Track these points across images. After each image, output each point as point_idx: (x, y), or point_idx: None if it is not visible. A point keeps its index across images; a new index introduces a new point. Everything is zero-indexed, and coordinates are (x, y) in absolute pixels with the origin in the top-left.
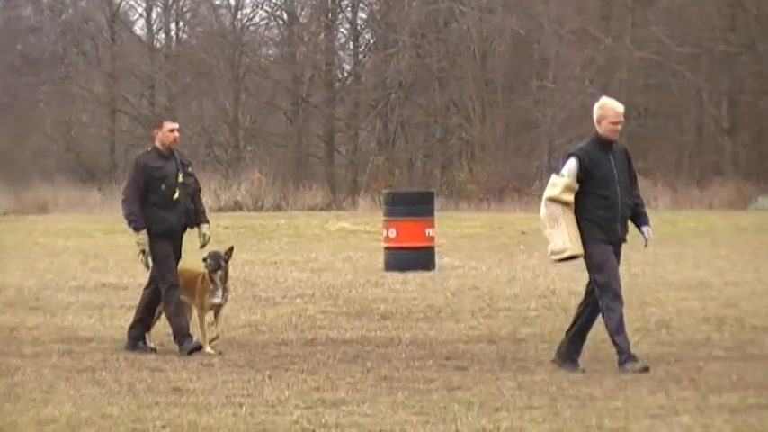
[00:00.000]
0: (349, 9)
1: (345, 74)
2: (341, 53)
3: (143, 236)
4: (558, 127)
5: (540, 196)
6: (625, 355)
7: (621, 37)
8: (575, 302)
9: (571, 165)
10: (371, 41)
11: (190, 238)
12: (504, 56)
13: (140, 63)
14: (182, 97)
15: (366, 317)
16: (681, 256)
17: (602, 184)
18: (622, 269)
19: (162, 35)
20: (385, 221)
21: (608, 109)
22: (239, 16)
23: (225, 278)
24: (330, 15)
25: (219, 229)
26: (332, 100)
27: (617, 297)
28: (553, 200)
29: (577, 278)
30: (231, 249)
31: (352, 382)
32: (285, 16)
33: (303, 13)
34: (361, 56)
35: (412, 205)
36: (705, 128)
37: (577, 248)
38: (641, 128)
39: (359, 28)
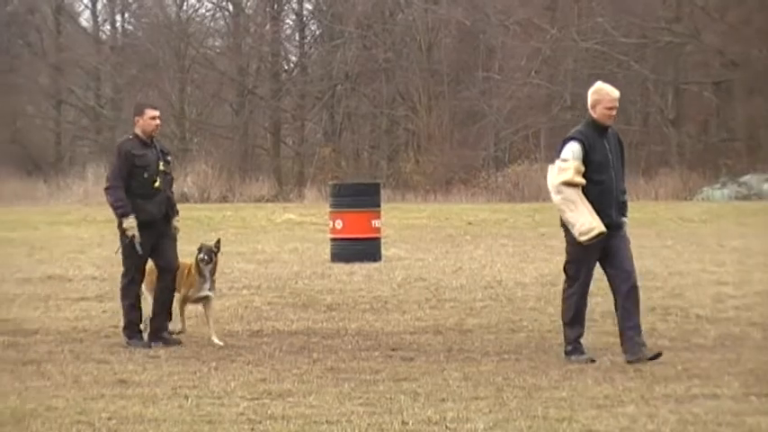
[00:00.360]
0: (295, 0)
1: (291, 65)
2: (287, 44)
3: (132, 220)
4: (504, 118)
5: (485, 187)
6: (570, 347)
7: (567, 28)
8: (521, 293)
9: (575, 148)
10: (317, 33)
11: None
12: (450, 47)
13: (86, 55)
14: (127, 89)
15: (312, 308)
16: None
17: (598, 169)
18: (561, 260)
19: (107, 27)
20: (331, 213)
21: (603, 94)
22: (185, 7)
23: (213, 271)
24: (276, 6)
25: None
26: (278, 91)
27: (583, 292)
28: (567, 183)
29: (523, 269)
30: (219, 241)
31: (298, 373)
32: (231, 7)
33: (249, 5)
34: (307, 47)
35: (358, 196)
36: (651, 118)
37: (602, 226)
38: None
39: (305, 19)
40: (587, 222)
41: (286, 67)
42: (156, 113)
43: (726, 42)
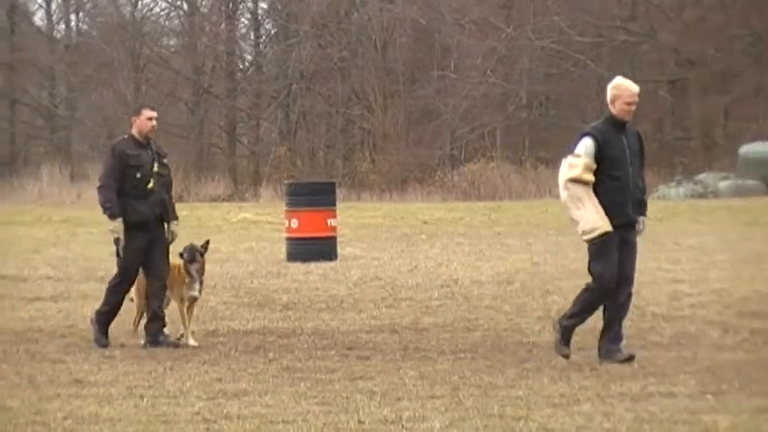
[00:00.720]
0: None
1: (247, 64)
2: (242, 43)
3: (118, 223)
4: (460, 116)
5: (441, 185)
6: (563, 341)
7: (522, 26)
8: (477, 292)
9: (587, 144)
10: (273, 32)
11: None
12: (406, 46)
13: (40, 54)
14: (82, 88)
15: (268, 307)
16: (582, 244)
17: (615, 165)
18: (524, 258)
19: (62, 26)
20: (287, 212)
21: (623, 89)
22: (140, 6)
23: (201, 271)
24: (231, 5)
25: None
26: (233, 90)
27: (604, 292)
28: (575, 180)
29: (479, 267)
30: (207, 243)
31: (254, 372)
32: (186, 6)
33: (204, 4)
34: (262, 46)
35: (314, 195)
36: None
37: (607, 225)
38: (543, 117)
39: (260, 18)
40: (591, 221)
41: (241, 66)
42: (154, 114)
43: (681, 41)
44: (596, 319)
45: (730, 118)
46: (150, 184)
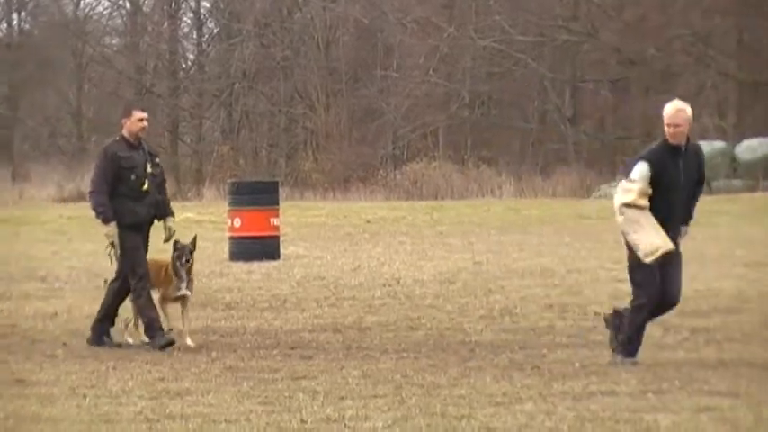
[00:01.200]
0: None
1: (189, 63)
2: (184, 42)
3: (112, 227)
4: (403, 116)
5: (384, 185)
6: (620, 347)
7: (464, 26)
8: (419, 291)
9: (643, 169)
10: (215, 31)
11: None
12: (348, 45)
13: None
14: (24, 87)
15: (211, 307)
16: (524, 243)
17: (666, 189)
18: (466, 257)
19: (3, 25)
20: (229, 211)
21: (665, 111)
22: (82, 6)
23: (190, 270)
24: (173, 5)
25: (63, 219)
26: (176, 90)
27: (649, 301)
28: (629, 205)
29: (422, 267)
30: (195, 239)
31: (196, 372)
32: (128, 5)
33: (146, 3)
34: (204, 45)
35: (256, 195)
36: (548, 116)
37: (669, 244)
38: (485, 116)
39: (202, 17)
40: (651, 243)
41: (184, 66)
42: (144, 115)
43: (622, 40)
44: (537, 318)
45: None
46: (145, 186)
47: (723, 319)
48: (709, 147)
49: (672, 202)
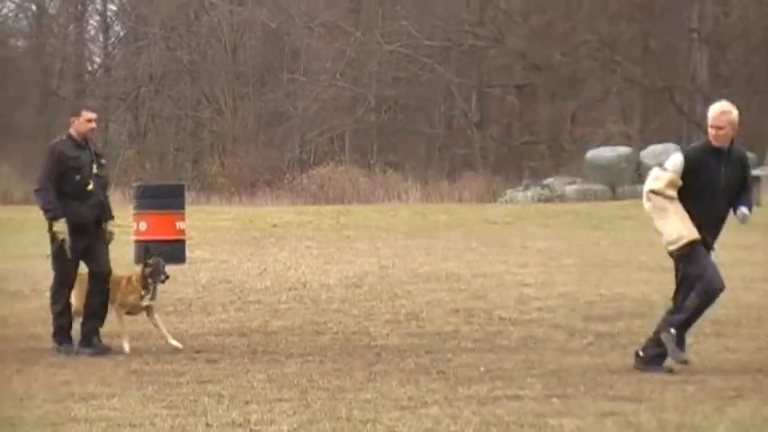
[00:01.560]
0: (99, 1)
1: (95, 66)
2: (91, 45)
3: (62, 224)
4: (309, 120)
5: (290, 189)
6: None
7: (371, 30)
8: (325, 295)
9: (677, 160)
10: (122, 34)
11: None
12: (255, 49)
13: None
14: None
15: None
16: (431, 248)
17: (703, 190)
18: (372, 261)
19: None
20: (135, 215)
21: (710, 112)
22: None
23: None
24: (80, 7)
25: None
26: (82, 92)
27: (713, 292)
28: (656, 193)
29: (328, 271)
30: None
31: (101, 375)
32: (34, 8)
33: (52, 5)
34: (111, 48)
35: (162, 198)
36: (455, 121)
37: (693, 233)
38: (391, 121)
39: (109, 20)
40: (676, 230)
41: (90, 69)
42: (94, 116)
43: (529, 46)
44: (443, 323)
45: (577, 123)
46: (90, 186)
47: (628, 323)
48: (614, 152)
49: (710, 204)
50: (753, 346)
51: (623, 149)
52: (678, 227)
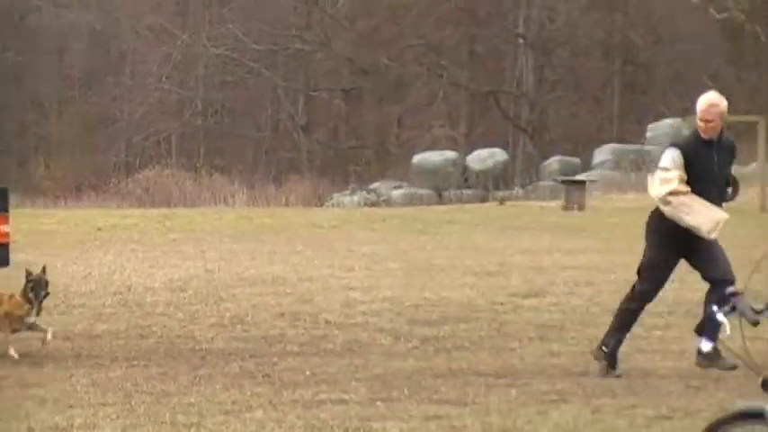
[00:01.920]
0: None
1: None
2: None
3: None
4: (136, 123)
5: (116, 192)
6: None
7: (198, 33)
8: (150, 299)
9: (675, 155)
10: None
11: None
12: (82, 52)
13: None
14: None
15: None
16: (256, 251)
17: (698, 180)
18: (198, 265)
19: None
20: None
21: (698, 104)
22: None
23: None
24: None
25: None
26: None
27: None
28: (674, 193)
29: (153, 274)
30: (44, 269)
31: None
32: None
33: None
34: None
35: None
36: (281, 125)
37: (722, 213)
38: (218, 125)
39: None
40: (711, 219)
41: None
42: None
43: (355, 50)
44: (269, 327)
45: (403, 127)
46: None
47: (453, 327)
48: (440, 157)
49: (706, 194)
50: (576, 350)
51: (449, 154)
52: (709, 214)
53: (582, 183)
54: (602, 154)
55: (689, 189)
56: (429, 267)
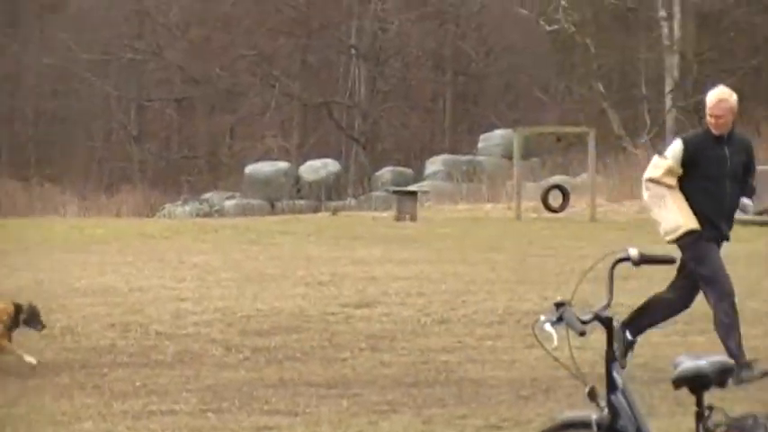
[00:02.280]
0: None
1: None
2: None
3: None
4: None
5: None
6: (741, 363)
7: (29, 43)
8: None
9: (676, 147)
10: None
11: None
12: None
13: None
14: None
15: None
16: (87, 262)
17: (709, 176)
18: (27, 276)
19: None
20: None
21: (708, 99)
22: None
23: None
24: None
25: None
26: None
27: (725, 293)
28: (654, 181)
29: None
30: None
31: None
32: None
33: None
34: None
35: None
36: (114, 134)
37: (692, 223)
38: (50, 134)
39: None
40: (672, 222)
41: None
42: None
43: (187, 60)
44: (99, 337)
45: (236, 137)
46: None
47: (284, 338)
48: (272, 167)
49: (720, 192)
50: (407, 361)
51: (282, 164)
52: (676, 216)
53: (414, 193)
54: (435, 164)
55: (674, 183)
56: (261, 278)
